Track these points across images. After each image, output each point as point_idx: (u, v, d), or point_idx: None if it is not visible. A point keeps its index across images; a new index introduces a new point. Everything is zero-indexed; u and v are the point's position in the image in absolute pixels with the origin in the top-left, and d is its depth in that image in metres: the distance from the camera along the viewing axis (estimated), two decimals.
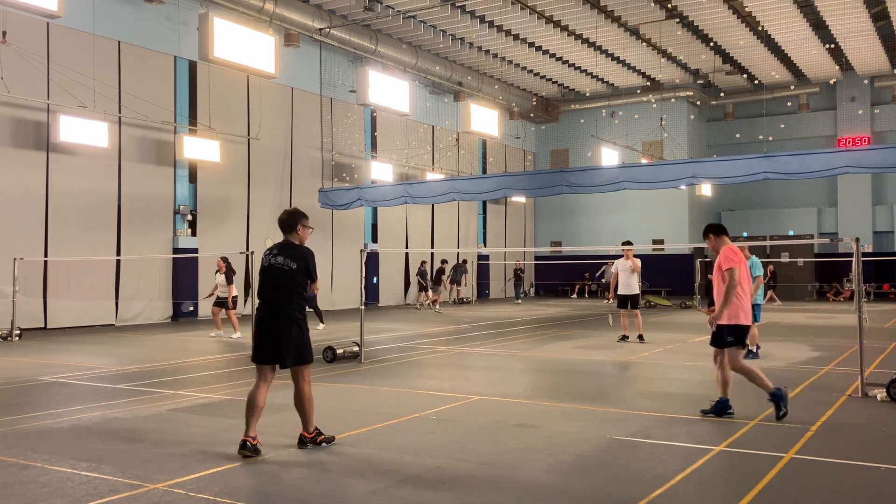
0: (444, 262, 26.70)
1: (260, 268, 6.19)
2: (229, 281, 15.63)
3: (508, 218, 34.66)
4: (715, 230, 7.61)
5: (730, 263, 7.18)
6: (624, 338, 14.32)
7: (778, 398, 7.12)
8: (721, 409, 7.32)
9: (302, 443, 6.16)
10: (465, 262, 28.39)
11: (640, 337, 14.13)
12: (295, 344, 6.03)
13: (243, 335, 14.92)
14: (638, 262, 14.26)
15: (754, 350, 11.79)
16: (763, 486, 5.06)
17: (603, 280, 30.48)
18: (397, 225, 28.12)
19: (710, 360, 11.63)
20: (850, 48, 26.80)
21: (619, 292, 14.26)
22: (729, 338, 7.19)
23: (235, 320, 15.65)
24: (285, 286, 6.06)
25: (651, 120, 31.39)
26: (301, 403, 6.13)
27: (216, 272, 15.95)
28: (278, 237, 6.41)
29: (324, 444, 6.19)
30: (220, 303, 15.68)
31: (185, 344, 14.86)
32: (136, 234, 19.53)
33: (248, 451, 5.83)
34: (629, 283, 14.10)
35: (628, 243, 14.33)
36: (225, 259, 15.87)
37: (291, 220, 6.24)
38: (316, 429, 6.22)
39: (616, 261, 14.48)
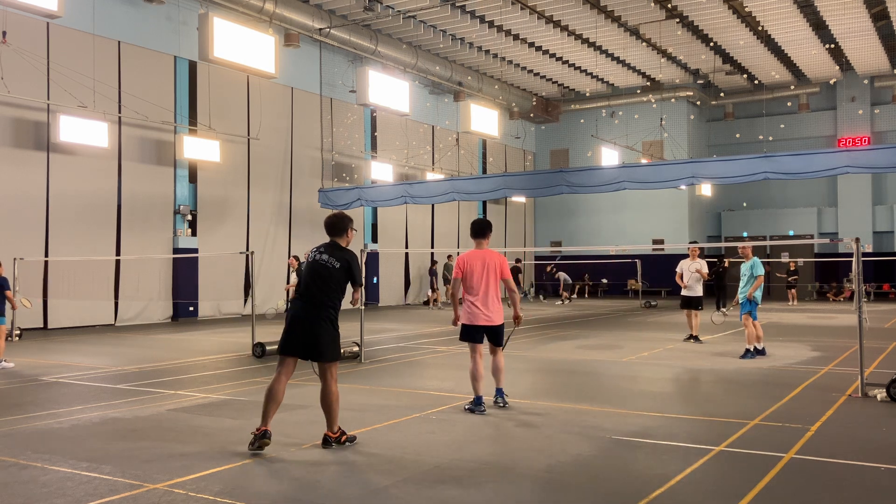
0: (518, 261, 26.80)
1: (305, 264, 6.38)
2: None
3: (508, 218, 34.65)
4: (489, 231, 8.07)
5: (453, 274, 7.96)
6: (692, 338, 14.14)
7: (476, 404, 7.68)
8: (478, 403, 7.77)
9: (326, 443, 6.15)
10: (449, 257, 28.30)
11: (696, 338, 14.06)
12: (327, 341, 6.11)
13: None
14: (705, 269, 14.18)
15: (752, 350, 11.76)
16: (763, 486, 5.06)
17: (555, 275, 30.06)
18: (397, 225, 28.12)
19: (709, 359, 11.67)
20: (850, 48, 26.80)
21: (682, 293, 14.26)
22: None
23: None
24: (326, 284, 6.16)
25: (651, 120, 31.39)
26: (329, 402, 6.14)
27: (290, 271, 16.09)
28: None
29: (347, 444, 6.20)
30: None
31: (185, 344, 14.85)
32: (136, 234, 19.53)
33: (268, 439, 5.92)
34: (693, 285, 14.09)
35: (694, 243, 14.23)
36: (297, 257, 16.00)
37: (341, 224, 6.43)
38: (339, 428, 6.23)
39: (682, 261, 14.37)
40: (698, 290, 14.15)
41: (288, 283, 15.75)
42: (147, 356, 12.53)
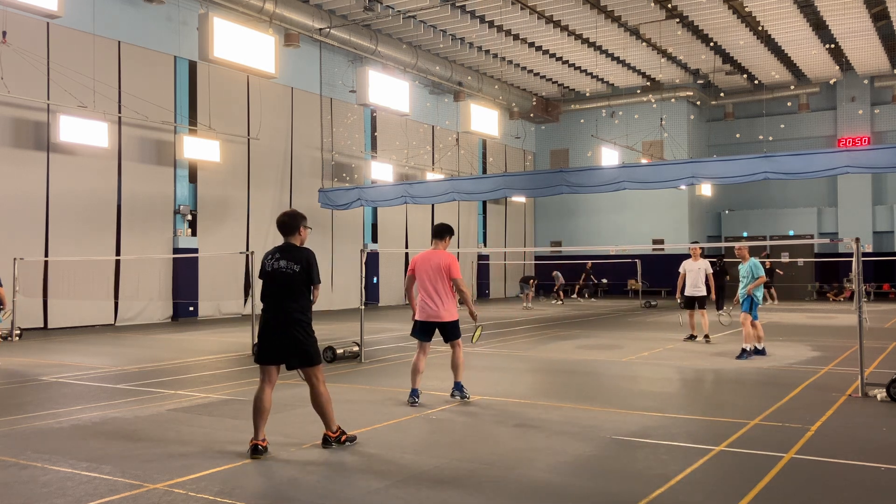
0: (533, 279, 27.04)
1: (261, 272, 6.12)
2: None
3: (508, 218, 34.65)
4: (448, 235, 8.32)
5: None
6: (691, 337, 14.23)
7: (410, 394, 8.08)
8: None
9: (326, 442, 6.12)
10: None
11: (706, 337, 14.01)
12: (302, 346, 5.98)
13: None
14: (710, 269, 14.15)
15: (750, 349, 11.72)
16: (763, 486, 5.06)
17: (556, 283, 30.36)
18: (397, 225, 28.13)
19: (709, 359, 11.66)
20: (850, 48, 26.80)
21: (686, 293, 14.22)
22: None
23: None
24: (289, 289, 5.98)
25: (651, 120, 31.39)
26: (320, 404, 6.09)
27: None
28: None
29: (347, 444, 6.18)
30: None
31: (185, 344, 14.85)
32: (136, 234, 19.54)
33: (261, 454, 5.83)
34: (697, 284, 14.04)
35: (696, 243, 14.15)
36: None
37: (293, 222, 6.16)
38: (339, 428, 6.20)
39: (684, 262, 14.33)
40: (702, 290, 14.12)
41: None
42: (147, 356, 12.53)
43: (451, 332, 8.16)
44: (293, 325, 5.95)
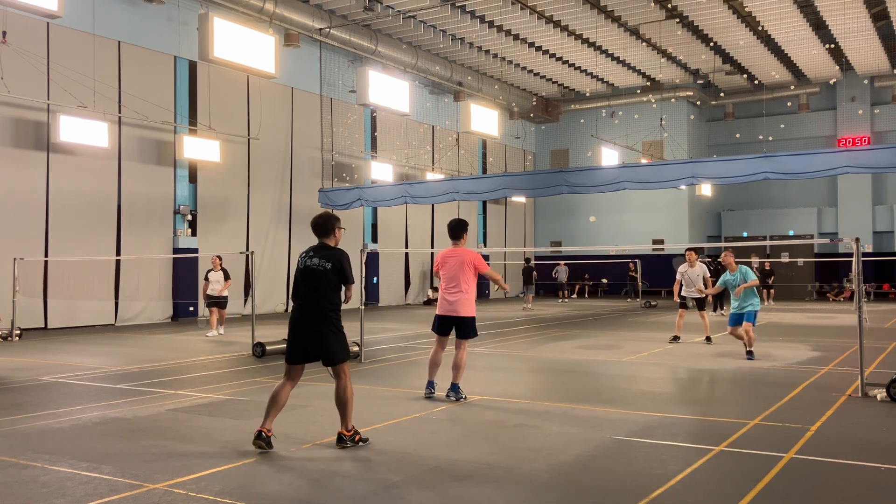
0: (528, 260, 26.91)
1: (296, 270, 6.35)
2: (226, 278, 15.93)
3: (508, 218, 34.64)
4: (464, 231, 8.37)
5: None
6: (675, 338, 14.15)
7: (427, 386, 8.36)
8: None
9: (341, 441, 6.15)
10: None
11: (708, 338, 13.93)
12: (334, 342, 6.13)
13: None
14: (708, 274, 14.11)
15: (752, 350, 11.71)
16: (763, 486, 5.07)
17: (556, 278, 30.68)
18: (397, 225, 28.13)
19: (709, 359, 11.66)
20: (850, 48, 26.81)
21: (682, 293, 14.18)
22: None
23: (220, 318, 16.09)
24: (319, 286, 6.17)
25: (651, 120, 31.39)
26: (344, 399, 6.16)
27: (210, 270, 16.15)
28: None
29: (361, 444, 6.21)
30: (215, 302, 15.98)
31: (185, 344, 14.85)
32: (136, 234, 19.53)
33: (263, 441, 5.93)
34: (692, 286, 13.99)
35: (691, 250, 14.11)
36: (219, 257, 16.14)
37: (327, 224, 6.41)
38: (353, 427, 6.24)
39: (681, 267, 14.24)
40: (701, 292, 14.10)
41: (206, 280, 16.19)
42: (147, 356, 12.53)
43: (465, 328, 8.18)
44: (321, 319, 6.12)
